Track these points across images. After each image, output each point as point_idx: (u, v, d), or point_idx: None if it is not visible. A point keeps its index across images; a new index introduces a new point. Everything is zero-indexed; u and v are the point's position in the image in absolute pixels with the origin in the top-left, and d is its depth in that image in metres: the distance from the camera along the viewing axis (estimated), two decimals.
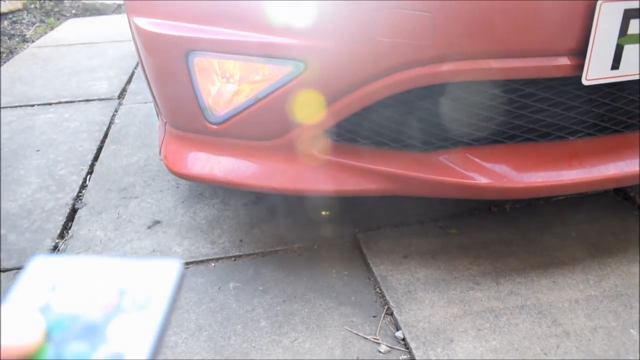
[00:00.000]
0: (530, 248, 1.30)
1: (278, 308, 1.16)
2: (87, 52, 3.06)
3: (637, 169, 1.08)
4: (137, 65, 2.77)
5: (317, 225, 1.43)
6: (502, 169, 1.05)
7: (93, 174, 1.72)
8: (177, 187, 1.63)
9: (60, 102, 2.22)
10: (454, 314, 1.11)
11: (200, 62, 1.09)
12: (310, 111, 1.05)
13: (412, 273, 1.23)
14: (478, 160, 1.06)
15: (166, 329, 0.31)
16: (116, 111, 2.18)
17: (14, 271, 1.29)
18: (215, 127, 1.16)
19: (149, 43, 1.13)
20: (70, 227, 1.47)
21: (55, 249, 1.37)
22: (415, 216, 1.45)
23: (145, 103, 2.25)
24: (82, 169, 1.75)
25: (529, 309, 1.12)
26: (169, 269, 0.32)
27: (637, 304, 1.11)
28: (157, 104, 1.30)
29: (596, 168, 1.06)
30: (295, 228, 1.42)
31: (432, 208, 1.48)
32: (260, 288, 1.22)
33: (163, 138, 1.32)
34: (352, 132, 1.11)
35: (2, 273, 1.28)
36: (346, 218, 1.45)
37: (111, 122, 2.08)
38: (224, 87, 1.10)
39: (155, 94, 1.24)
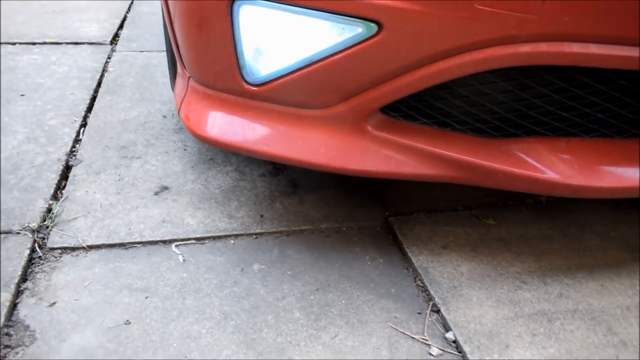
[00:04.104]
0: (573, 246, 1.23)
1: (312, 297, 1.04)
2: None
3: None
4: (129, 9, 2.52)
5: (344, 204, 1.31)
6: (577, 164, 0.95)
7: (87, 127, 1.54)
8: (185, 150, 1.47)
9: (45, 43, 1.99)
10: (505, 315, 1.02)
11: (248, 12, 0.93)
12: (373, 81, 0.91)
13: (455, 266, 1.13)
14: (552, 153, 0.95)
15: None
16: (109, 58, 1.96)
17: (3, 235, 1.12)
18: (254, 88, 1.01)
19: None
20: (64, 187, 1.29)
21: (49, 211, 1.20)
22: (448, 202, 1.35)
23: (142, 52, 2.04)
24: (75, 121, 1.55)
25: (582, 315, 1.04)
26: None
27: None
28: (180, 54, 1.13)
29: None
30: (320, 205, 1.30)
31: (464, 195, 1.38)
32: (289, 272, 1.10)
33: (184, 95, 1.16)
34: (412, 108, 0.98)
35: None
36: (375, 199, 1.34)
37: (104, 70, 1.87)
38: (273, 43, 0.95)
39: (181, 43, 1.07)
